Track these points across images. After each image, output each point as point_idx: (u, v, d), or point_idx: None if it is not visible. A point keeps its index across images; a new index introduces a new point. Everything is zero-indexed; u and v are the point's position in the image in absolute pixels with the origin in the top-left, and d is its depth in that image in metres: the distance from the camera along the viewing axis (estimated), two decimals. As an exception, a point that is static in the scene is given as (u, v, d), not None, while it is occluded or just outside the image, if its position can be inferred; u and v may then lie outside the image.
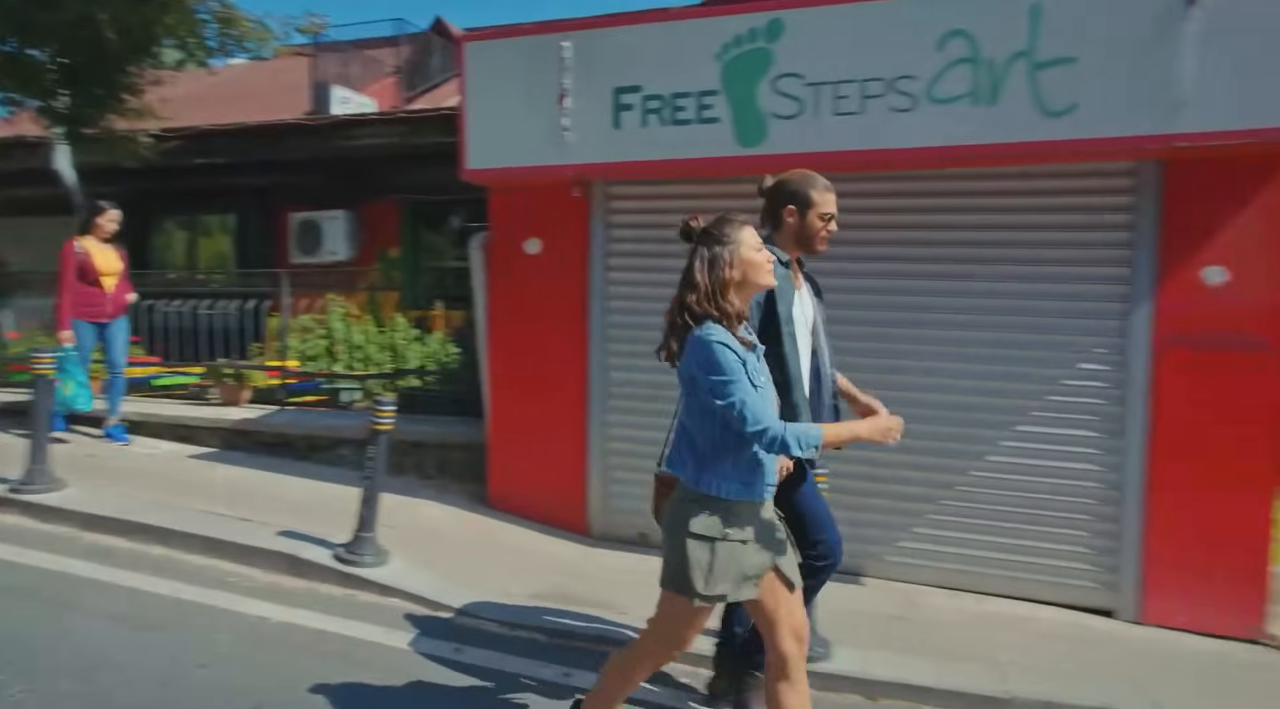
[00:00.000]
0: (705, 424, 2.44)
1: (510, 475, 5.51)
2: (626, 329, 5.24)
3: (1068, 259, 4.42)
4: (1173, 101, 3.88)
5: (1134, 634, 4.16)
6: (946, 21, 4.23)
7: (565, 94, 4.93)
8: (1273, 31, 3.80)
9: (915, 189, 4.62)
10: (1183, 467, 4.18)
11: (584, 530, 5.30)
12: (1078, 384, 4.39)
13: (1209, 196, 4.12)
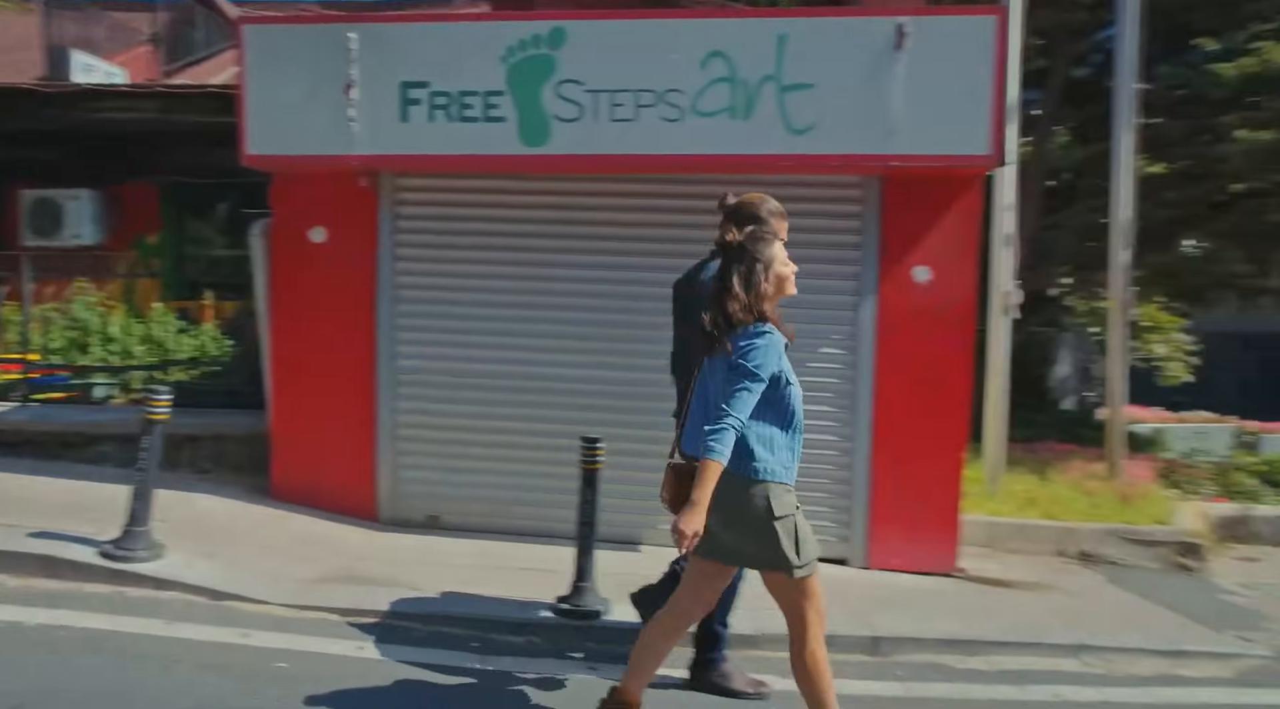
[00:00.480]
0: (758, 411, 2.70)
1: (295, 465, 5.44)
2: (416, 318, 5.36)
3: (811, 257, 5.04)
4: (888, 128, 4.63)
5: (862, 577, 4.92)
6: (709, 43, 4.75)
7: (352, 85, 4.96)
8: (952, 76, 4.63)
9: (684, 191, 5.13)
10: (898, 434, 4.99)
11: (373, 516, 5.36)
12: (819, 366, 5.09)
13: (917, 208, 4.94)
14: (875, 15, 4.76)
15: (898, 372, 4.98)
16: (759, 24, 4.75)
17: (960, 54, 4.65)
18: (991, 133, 4.63)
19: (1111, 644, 4.19)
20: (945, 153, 4.68)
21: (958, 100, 4.65)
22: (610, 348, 5.22)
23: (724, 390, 2.68)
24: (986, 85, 4.61)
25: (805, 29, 4.69)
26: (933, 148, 4.69)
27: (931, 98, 4.65)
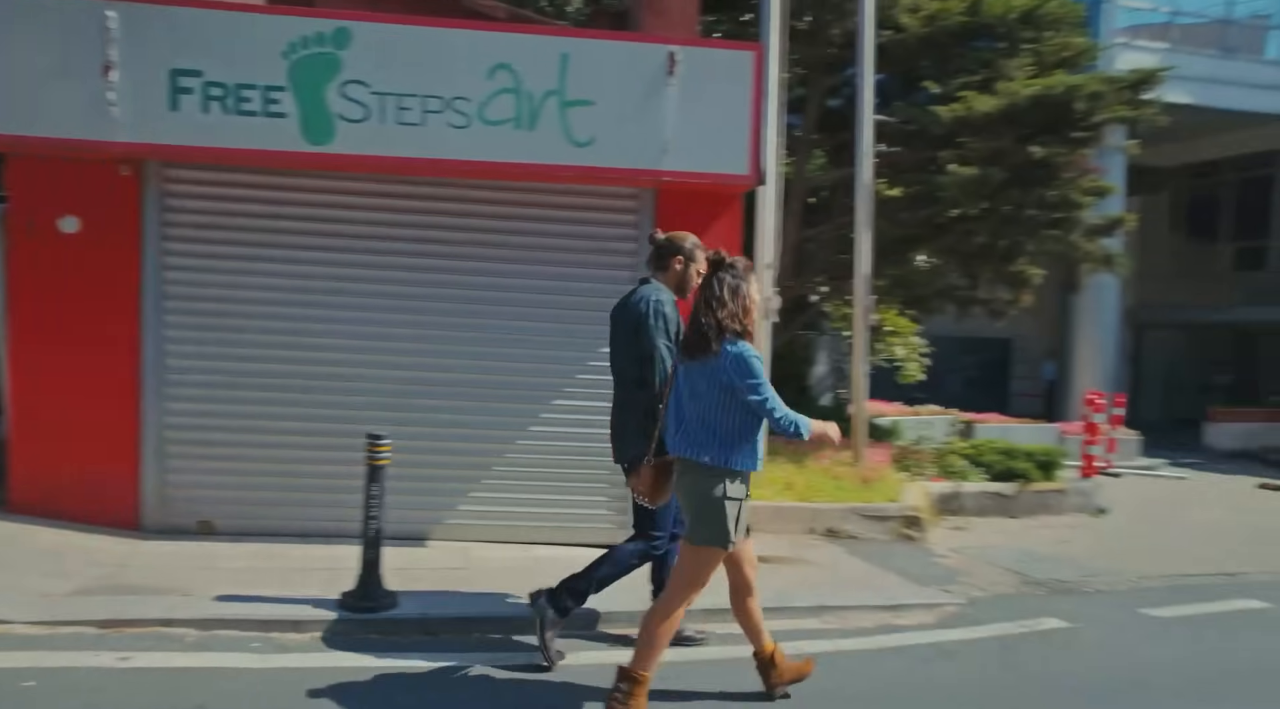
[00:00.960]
0: (732, 415, 3.13)
1: (39, 475, 5.01)
2: (187, 315, 5.13)
3: (591, 262, 5.46)
4: (661, 145, 5.07)
5: (638, 559, 5.32)
6: (495, 55, 4.96)
7: (111, 67, 4.67)
8: (718, 102, 5.16)
9: (470, 196, 5.31)
10: (671, 426, 5.44)
11: (135, 525, 5.06)
12: (599, 364, 5.41)
13: (688, 219, 5.36)
14: (650, 42, 5.20)
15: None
16: (543, 41, 5.03)
17: (724, 83, 5.18)
18: (750, 155, 5.20)
19: (845, 604, 4.86)
20: (712, 171, 5.20)
21: (722, 124, 5.18)
22: (394, 347, 5.29)
23: (752, 403, 3.14)
24: (746, 113, 5.18)
25: (586, 49, 5.03)
26: (701, 166, 5.19)
27: (700, 120, 5.15)
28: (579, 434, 5.40)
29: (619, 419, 3.88)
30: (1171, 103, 14.31)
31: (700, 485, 3.19)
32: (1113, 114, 8.41)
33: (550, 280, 5.39)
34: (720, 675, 3.81)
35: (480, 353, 5.33)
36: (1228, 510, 9.74)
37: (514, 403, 5.37)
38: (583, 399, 5.41)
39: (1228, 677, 4.25)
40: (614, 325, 3.95)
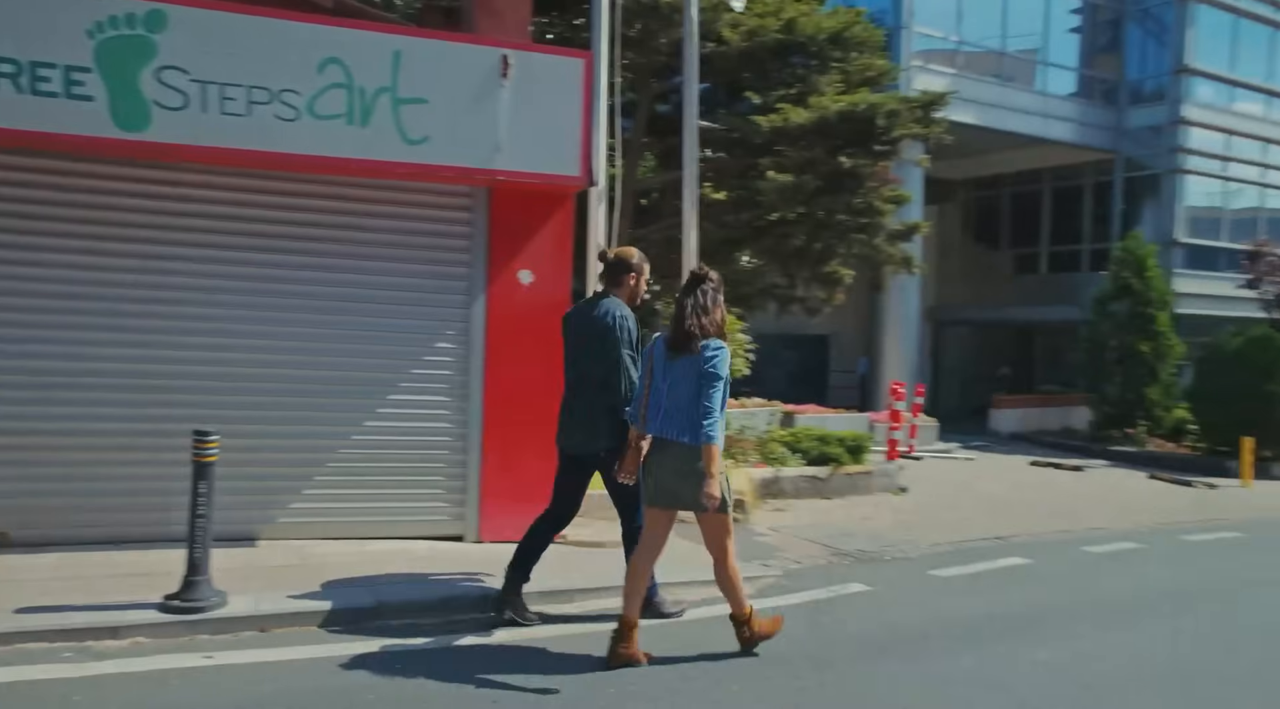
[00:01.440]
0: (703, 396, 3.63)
1: None
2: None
3: (426, 259, 5.51)
4: (495, 145, 5.21)
5: (476, 549, 5.45)
6: (324, 49, 4.91)
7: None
8: (550, 106, 5.36)
9: (300, 190, 5.22)
10: (506, 421, 5.59)
11: (-83, 540, 4.61)
12: (435, 359, 5.51)
13: (521, 218, 5.59)
14: (483, 44, 5.32)
15: (505, 363, 5.58)
16: (374, 38, 5.03)
17: (556, 88, 5.39)
18: (582, 158, 5.44)
19: (674, 580, 5.18)
20: (544, 172, 5.39)
21: (555, 127, 5.39)
22: (220, 343, 5.12)
23: (703, 392, 3.63)
24: (577, 117, 5.41)
25: (419, 48, 5.08)
26: (534, 166, 5.37)
27: (533, 122, 5.33)
28: (414, 428, 5.44)
29: (587, 415, 4.28)
30: (959, 122, 15.94)
31: (684, 463, 3.73)
32: (908, 130, 9.35)
33: (384, 276, 5.40)
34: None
35: (311, 348, 5.25)
36: (1006, 485, 11.04)
37: (347, 398, 5.33)
38: (417, 393, 5.46)
39: (994, 620, 4.93)
40: (575, 332, 4.37)
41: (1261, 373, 15.04)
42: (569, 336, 4.45)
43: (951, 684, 3.91)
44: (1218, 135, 21.57)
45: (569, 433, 4.42)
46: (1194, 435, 16.65)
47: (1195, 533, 8.57)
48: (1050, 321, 22.62)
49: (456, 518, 5.56)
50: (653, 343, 4.01)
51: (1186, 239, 20.95)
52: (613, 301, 4.28)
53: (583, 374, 4.32)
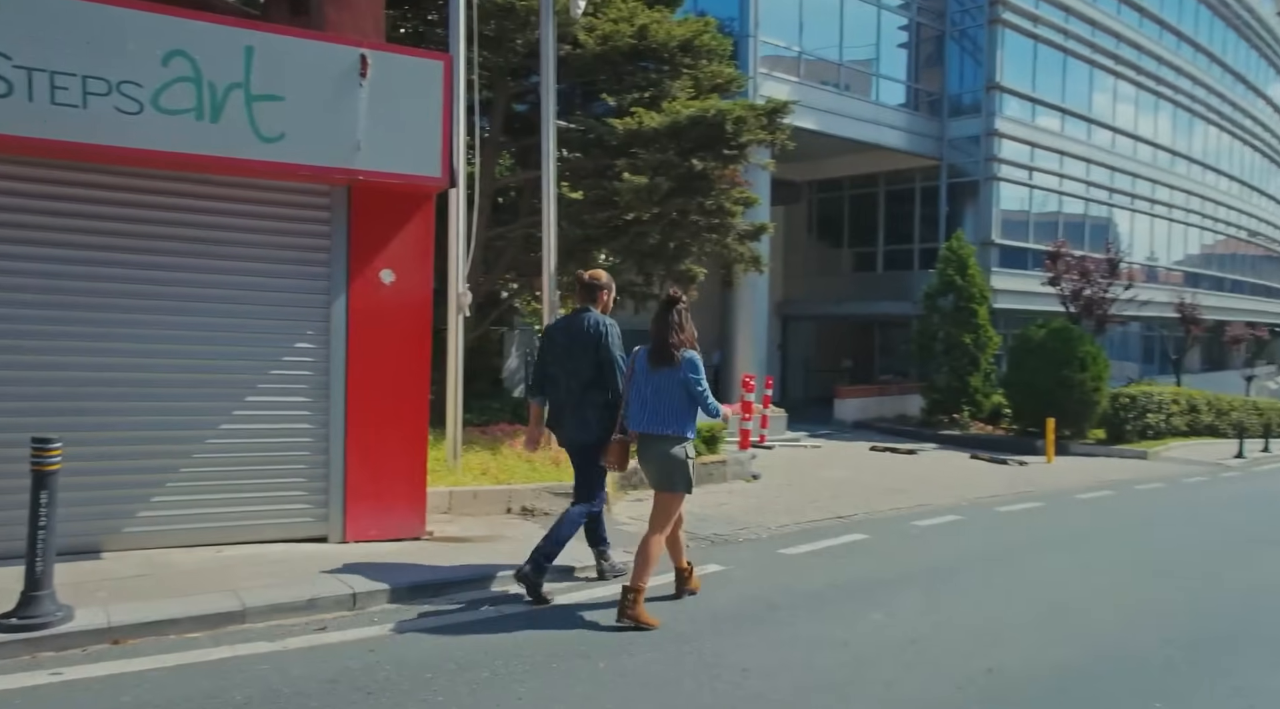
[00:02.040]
0: (684, 402, 4.57)
1: None
2: None
3: (284, 258, 5.42)
4: (354, 144, 5.20)
5: (341, 550, 5.41)
6: (169, 41, 4.75)
7: None
8: (410, 106, 5.40)
9: (149, 187, 5.02)
10: (369, 420, 5.59)
11: None
12: (294, 359, 5.43)
13: (382, 218, 5.59)
14: (341, 43, 5.29)
15: (368, 363, 5.57)
16: (224, 31, 4.91)
17: (416, 88, 5.43)
18: (442, 158, 5.50)
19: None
20: (405, 172, 5.42)
21: (414, 128, 5.43)
22: (60, 346, 4.85)
23: (697, 396, 4.60)
24: (437, 118, 5.47)
25: (273, 44, 5.00)
26: (394, 166, 5.39)
27: (393, 122, 5.34)
28: (273, 429, 5.35)
29: (579, 410, 4.94)
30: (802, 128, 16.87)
31: (668, 450, 4.57)
32: (755, 136, 9.88)
33: (239, 275, 5.27)
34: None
35: (161, 350, 5.06)
36: (848, 469, 11.89)
37: (201, 400, 5.17)
38: (276, 394, 5.37)
39: (835, 589, 5.42)
40: (567, 340, 5.03)
41: (1061, 361, 16.85)
42: (554, 345, 5.10)
43: (795, 645, 4.32)
44: (1024, 147, 23.89)
45: (563, 427, 5.07)
46: (1008, 418, 18.42)
47: (1008, 505, 9.58)
48: (887, 315, 24.32)
49: (320, 519, 5.51)
50: (635, 355, 4.77)
51: (1001, 240, 23.06)
52: (596, 315, 5.02)
53: (572, 375, 4.96)
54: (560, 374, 5.02)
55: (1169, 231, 31.04)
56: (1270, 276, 41.98)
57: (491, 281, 11.27)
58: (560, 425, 5.07)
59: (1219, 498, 11.73)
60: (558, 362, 5.04)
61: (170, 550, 5.06)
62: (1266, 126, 39.74)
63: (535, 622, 4.53)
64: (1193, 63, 31.92)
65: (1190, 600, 5.69)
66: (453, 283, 7.31)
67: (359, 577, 4.82)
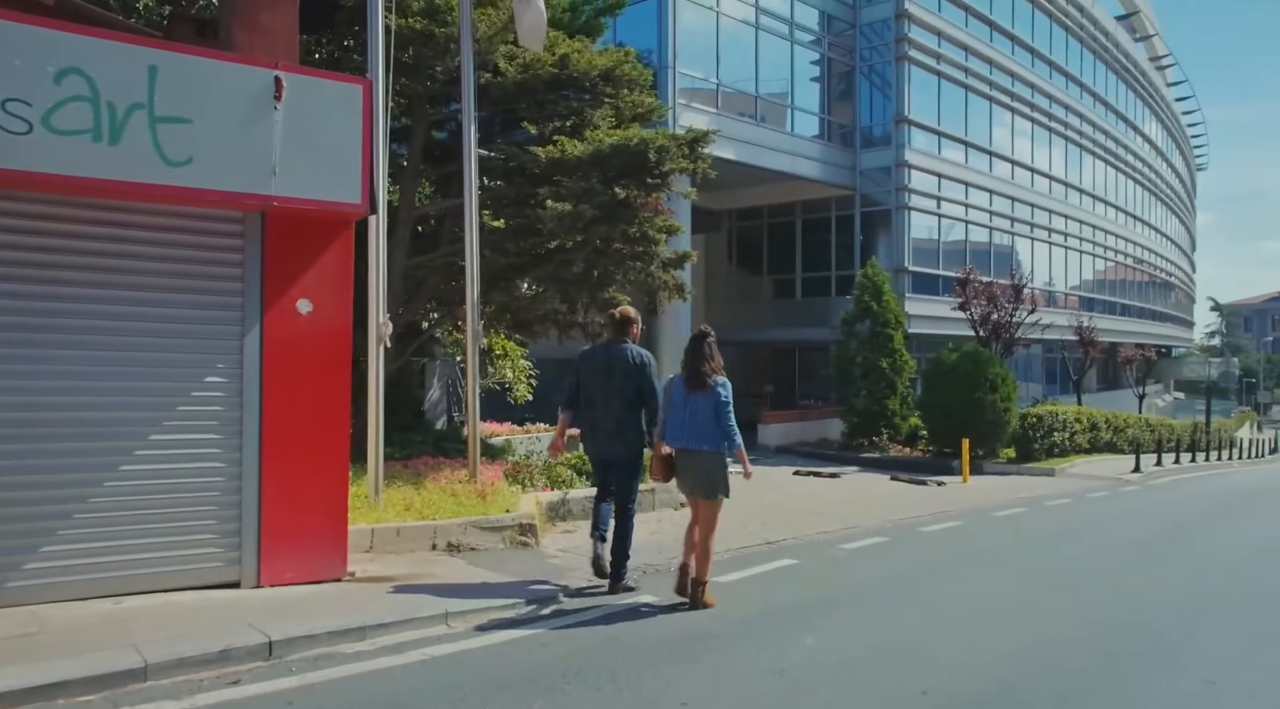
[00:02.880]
0: (716, 421, 5.35)
1: None
2: None
3: (193, 288, 5.14)
4: (269, 169, 4.99)
5: (256, 595, 5.11)
6: (62, 58, 4.48)
7: None
8: (328, 131, 5.24)
9: (42, 212, 4.70)
10: (286, 456, 5.32)
11: None
12: (203, 395, 5.13)
13: (298, 246, 5.37)
14: (255, 65, 5.09)
15: (284, 396, 5.32)
16: (125, 49, 4.66)
17: (334, 113, 5.27)
18: (362, 185, 5.34)
19: (468, 608, 5.18)
20: (323, 198, 5.23)
21: (333, 153, 5.25)
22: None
23: (720, 418, 5.37)
24: (356, 143, 5.31)
25: (180, 65, 4.77)
26: (312, 192, 5.20)
27: (310, 147, 5.16)
28: (180, 470, 5.03)
29: (622, 429, 5.71)
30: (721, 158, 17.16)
31: (708, 463, 5.42)
32: (677, 165, 9.95)
33: (144, 306, 4.96)
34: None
35: (53, 387, 4.70)
36: (775, 494, 11.97)
37: (99, 441, 4.82)
38: (184, 432, 5.06)
39: (769, 616, 5.39)
40: (608, 367, 5.73)
41: (973, 383, 17.45)
42: (594, 370, 5.78)
43: (733, 674, 4.26)
44: (932, 177, 24.89)
45: (602, 443, 5.82)
46: (925, 440, 18.94)
47: (929, 525, 9.79)
48: (807, 341, 24.82)
49: (232, 563, 5.19)
50: (671, 381, 5.61)
51: (913, 267, 23.88)
52: (636, 347, 5.83)
53: (615, 397, 5.68)
54: (599, 396, 5.72)
55: (1065, 258, 32.76)
56: (1155, 301, 44.71)
57: (413, 311, 11.00)
58: (598, 441, 5.83)
59: (1120, 512, 12.27)
60: (598, 385, 5.73)
61: (63, 604, 4.66)
62: (1145, 161, 42.53)
63: (462, 664, 4.35)
64: (1080, 102, 33.99)
65: (1102, 608, 5.90)
66: (373, 313, 7.09)
67: (275, 623, 4.54)
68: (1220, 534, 10.17)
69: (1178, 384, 56.48)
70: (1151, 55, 45.58)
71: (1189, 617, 5.80)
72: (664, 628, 5.06)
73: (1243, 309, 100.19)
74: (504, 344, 13.28)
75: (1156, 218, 45.15)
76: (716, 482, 5.43)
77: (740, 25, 21.23)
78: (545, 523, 8.25)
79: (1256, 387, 73.56)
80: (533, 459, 9.84)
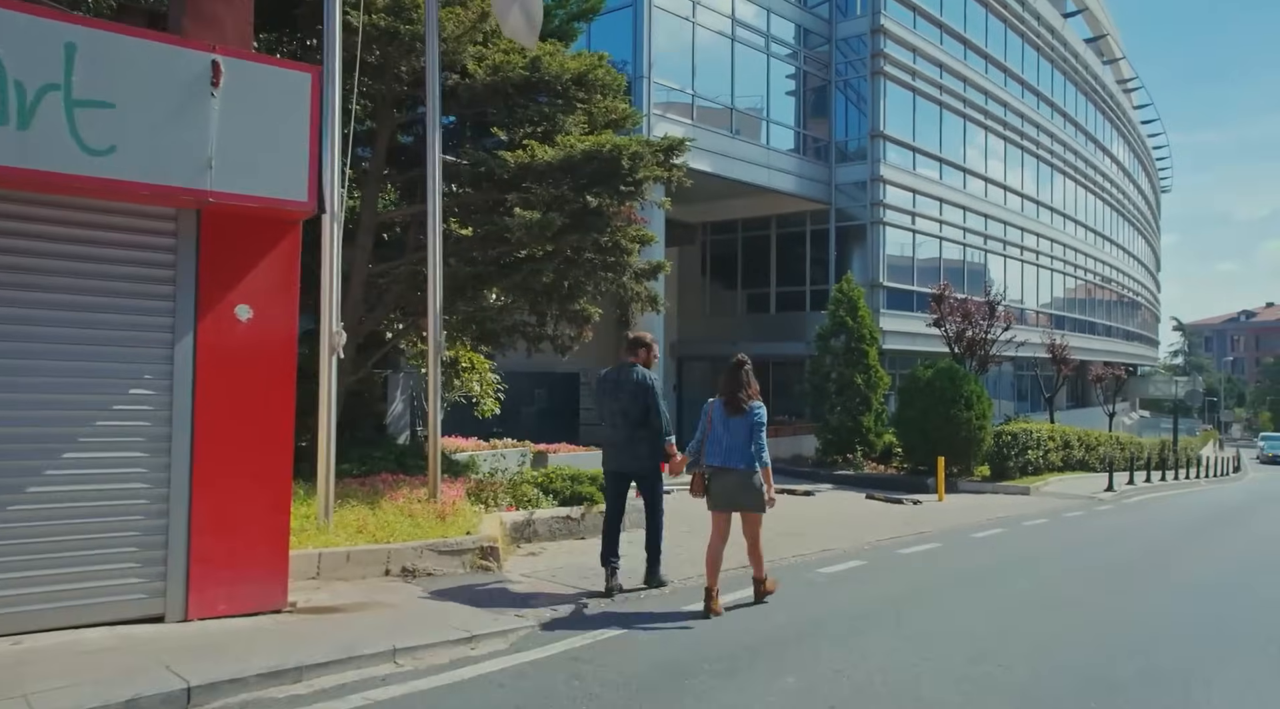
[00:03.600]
0: (751, 441, 5.79)
1: None
2: None
3: (118, 290, 4.68)
4: (203, 162, 4.56)
5: (179, 631, 4.62)
6: (-31, 31, 4.03)
7: None
8: (272, 122, 4.82)
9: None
10: (221, 475, 4.86)
11: None
12: (127, 408, 4.67)
13: (239, 246, 4.94)
14: (189, 47, 4.66)
15: (219, 410, 4.87)
16: (37, 24, 4.20)
17: (279, 103, 4.85)
18: (309, 182, 4.92)
19: (419, 643, 4.75)
20: (265, 195, 4.81)
21: (277, 146, 4.83)
22: None
23: (754, 438, 5.82)
24: (304, 136, 4.89)
25: (103, 43, 4.33)
26: (253, 188, 4.77)
27: (251, 139, 4.74)
28: (97, 492, 4.55)
29: (632, 445, 6.20)
30: (696, 169, 16.90)
31: (747, 480, 5.85)
32: (651, 172, 9.61)
33: (57, 310, 4.49)
34: None
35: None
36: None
37: (8, 459, 4.33)
38: (104, 450, 4.58)
39: (746, 651, 4.99)
40: (616, 387, 6.24)
41: (949, 400, 17.27)
42: (605, 390, 6.30)
43: (710, 725, 3.86)
44: (907, 193, 24.86)
45: (613, 458, 6.32)
46: (900, 457, 18.72)
47: (908, 546, 9.48)
48: (781, 356, 24.58)
49: (156, 594, 4.71)
50: (710, 405, 6.06)
51: (888, 283, 23.77)
52: (642, 369, 6.27)
53: (623, 416, 6.16)
54: (610, 415, 6.22)
55: (1037, 276, 32.94)
56: (1122, 320, 45.22)
57: (375, 321, 10.54)
58: (610, 456, 6.33)
59: (1099, 532, 12.06)
60: (610, 405, 6.21)
61: (-41, 642, 4.16)
62: (1113, 181, 43.11)
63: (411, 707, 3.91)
64: (1051, 121, 34.32)
65: (1094, 636, 5.59)
66: (325, 322, 6.64)
67: (199, 664, 4.08)
68: (1205, 552, 9.99)
69: (1143, 402, 57.19)
70: (1119, 78, 46.32)
71: (1191, 649, 5.50)
72: (636, 664, 4.66)
73: (1203, 329, 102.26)
74: (470, 356, 12.82)
75: (1124, 238, 45.75)
76: (752, 497, 5.90)
77: (716, 37, 21.07)
78: (509, 545, 7.82)
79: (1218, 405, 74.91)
80: (497, 477, 9.39)
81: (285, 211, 4.97)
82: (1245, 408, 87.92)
